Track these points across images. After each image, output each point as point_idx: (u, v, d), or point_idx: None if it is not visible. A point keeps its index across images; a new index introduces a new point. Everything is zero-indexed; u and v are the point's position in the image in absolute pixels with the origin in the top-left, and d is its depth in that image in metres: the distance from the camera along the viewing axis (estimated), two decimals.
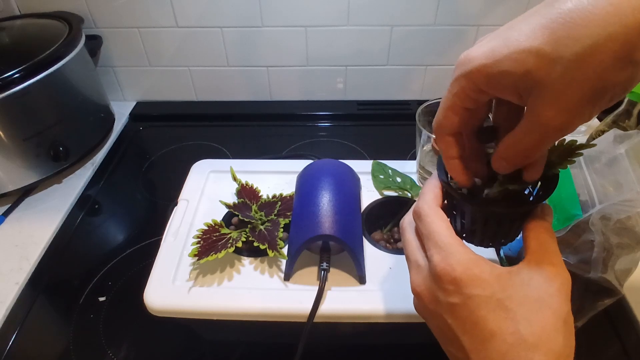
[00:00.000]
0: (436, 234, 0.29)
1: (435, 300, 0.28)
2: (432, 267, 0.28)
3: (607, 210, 0.37)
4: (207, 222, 0.47)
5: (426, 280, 0.29)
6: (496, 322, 0.26)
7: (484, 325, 0.26)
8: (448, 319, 0.27)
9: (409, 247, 0.32)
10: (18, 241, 0.60)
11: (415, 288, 0.30)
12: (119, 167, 0.75)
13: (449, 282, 0.27)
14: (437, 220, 0.29)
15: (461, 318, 0.27)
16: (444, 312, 0.28)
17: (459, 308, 0.27)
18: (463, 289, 0.26)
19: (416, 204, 0.31)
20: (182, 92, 0.87)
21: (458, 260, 0.27)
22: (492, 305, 0.26)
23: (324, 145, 0.78)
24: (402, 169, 0.57)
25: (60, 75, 0.65)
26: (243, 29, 0.77)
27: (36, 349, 0.50)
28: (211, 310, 0.43)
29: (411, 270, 0.31)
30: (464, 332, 0.27)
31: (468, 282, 0.26)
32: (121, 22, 0.77)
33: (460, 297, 0.27)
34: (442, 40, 0.78)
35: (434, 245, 0.28)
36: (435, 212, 0.30)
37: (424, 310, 0.30)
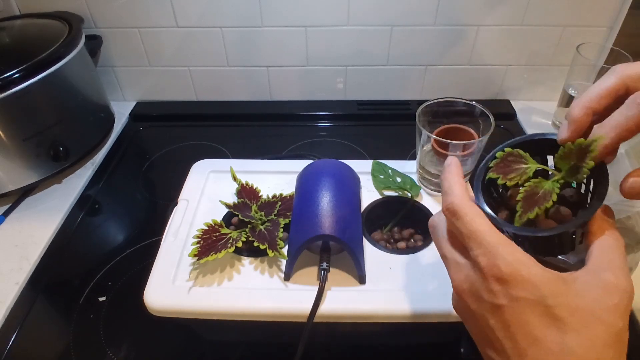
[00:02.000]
0: (479, 233, 0.27)
1: (478, 300, 0.27)
2: (478, 268, 0.27)
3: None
4: (207, 222, 0.47)
5: (469, 278, 0.28)
6: (541, 328, 0.25)
7: (529, 330, 0.25)
8: (490, 320, 0.26)
9: (445, 246, 0.30)
10: (18, 241, 0.60)
11: (458, 286, 0.29)
12: (119, 167, 0.75)
13: (495, 282, 0.26)
14: (477, 219, 0.28)
15: (505, 320, 0.26)
16: (487, 312, 0.27)
17: (504, 310, 0.26)
18: (510, 291, 0.25)
19: (447, 200, 0.30)
20: (182, 92, 0.87)
21: (505, 260, 0.26)
22: (539, 310, 0.25)
23: (324, 145, 0.78)
24: (402, 169, 0.57)
25: (60, 75, 0.65)
26: (243, 29, 0.77)
27: (36, 349, 0.50)
28: (211, 310, 0.43)
29: (450, 268, 0.30)
30: (506, 335, 0.26)
31: (517, 283, 0.25)
32: (121, 22, 0.77)
33: (506, 298, 0.25)
34: (442, 40, 0.78)
35: (477, 245, 0.27)
36: (471, 208, 0.29)
37: (465, 310, 0.29)
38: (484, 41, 0.78)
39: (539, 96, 0.85)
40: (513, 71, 0.82)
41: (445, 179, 0.31)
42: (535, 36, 0.77)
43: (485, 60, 0.80)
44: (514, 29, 0.76)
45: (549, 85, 0.83)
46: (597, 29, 0.76)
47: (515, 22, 0.75)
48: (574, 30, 0.76)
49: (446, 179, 0.31)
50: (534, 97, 0.85)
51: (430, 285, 0.44)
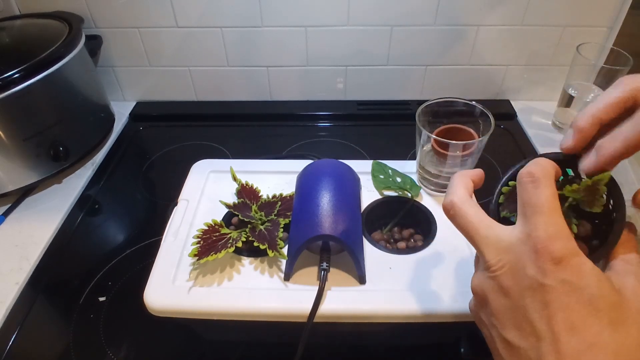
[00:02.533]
0: (550, 207, 0.26)
1: (520, 276, 0.26)
2: (534, 242, 0.26)
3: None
4: (207, 222, 0.47)
5: (513, 254, 0.27)
6: (582, 316, 0.24)
7: (568, 315, 0.24)
8: (527, 299, 0.25)
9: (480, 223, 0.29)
10: (18, 241, 0.60)
11: (496, 263, 0.27)
12: (119, 167, 0.75)
13: (549, 260, 0.25)
14: (554, 195, 0.27)
15: (545, 301, 0.25)
16: (527, 290, 0.26)
17: (548, 290, 0.25)
18: (560, 272, 0.25)
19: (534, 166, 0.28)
20: (182, 92, 0.87)
21: (565, 244, 0.25)
22: (583, 298, 0.24)
23: (324, 145, 0.78)
24: (402, 169, 0.57)
25: (60, 75, 0.65)
26: (243, 29, 0.77)
27: (36, 349, 0.50)
28: (211, 310, 0.43)
29: (487, 246, 0.28)
30: (542, 316, 0.25)
31: (568, 267, 0.25)
32: (121, 22, 0.77)
33: (554, 279, 0.25)
34: (442, 40, 0.78)
35: (543, 218, 0.26)
36: (554, 184, 0.27)
37: (494, 287, 0.27)
38: (484, 41, 0.78)
39: (539, 96, 0.85)
40: (513, 71, 0.82)
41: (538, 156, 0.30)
42: (535, 36, 0.77)
43: (485, 60, 0.80)
44: (514, 29, 0.76)
45: (549, 85, 0.83)
46: (597, 29, 0.76)
47: (515, 22, 0.75)
48: (574, 30, 0.76)
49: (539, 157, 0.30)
50: (534, 97, 0.85)
51: (431, 285, 0.44)
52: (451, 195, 0.31)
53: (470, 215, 0.30)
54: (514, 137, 0.79)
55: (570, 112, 0.75)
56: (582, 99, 0.73)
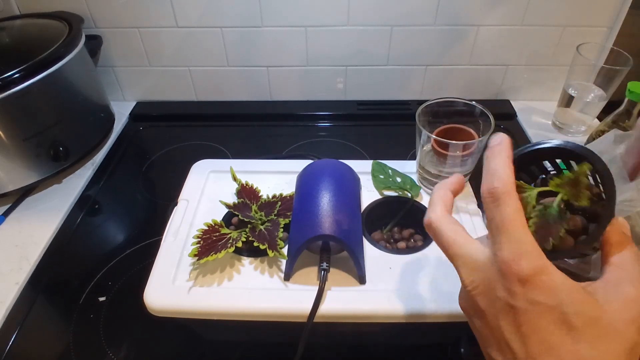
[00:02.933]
0: (512, 224, 0.25)
1: (492, 298, 0.26)
2: (499, 262, 0.25)
3: None
4: (207, 222, 0.47)
5: (484, 274, 0.26)
6: (556, 336, 0.24)
7: (543, 336, 0.24)
8: (501, 321, 0.25)
9: (454, 244, 0.28)
10: (18, 241, 0.60)
11: (470, 284, 0.27)
12: (119, 167, 0.75)
13: (515, 281, 0.24)
14: (517, 212, 0.26)
15: (517, 323, 0.25)
16: (500, 312, 0.25)
17: (519, 312, 0.24)
18: (528, 293, 0.24)
19: (493, 183, 0.27)
20: (182, 92, 0.87)
21: (530, 261, 0.24)
22: (555, 317, 0.24)
23: (324, 145, 0.78)
24: (402, 169, 0.57)
25: (60, 75, 0.65)
26: (243, 29, 0.77)
27: (36, 349, 0.50)
28: (211, 310, 0.43)
29: (462, 266, 0.28)
30: (517, 338, 0.25)
31: (536, 286, 0.24)
32: (121, 22, 0.77)
33: (523, 300, 0.24)
34: (442, 40, 0.78)
35: (507, 237, 0.25)
36: (515, 200, 0.26)
37: (473, 307, 0.27)
38: (484, 41, 0.78)
39: (539, 96, 0.85)
40: (513, 71, 0.82)
41: (494, 157, 0.27)
42: (535, 36, 0.77)
43: (485, 60, 0.80)
44: (514, 29, 0.76)
45: (549, 85, 0.83)
46: (597, 29, 0.76)
47: (515, 22, 0.75)
48: (574, 30, 0.76)
49: (495, 157, 0.27)
50: (534, 97, 0.85)
51: (430, 285, 0.44)
52: (429, 213, 0.31)
53: (446, 234, 0.29)
54: (514, 137, 0.79)
55: (570, 112, 0.75)
56: (582, 99, 0.73)
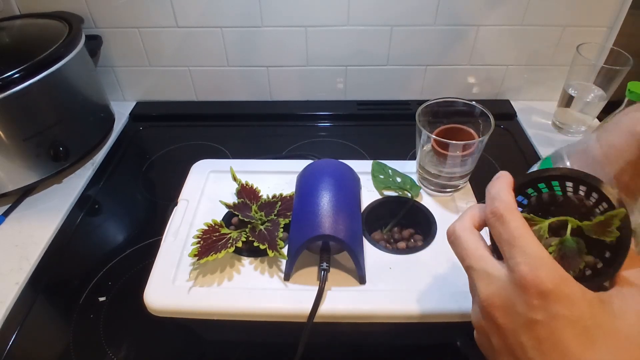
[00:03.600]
0: (524, 240, 0.26)
1: (511, 314, 0.25)
2: (518, 277, 0.25)
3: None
4: (207, 222, 0.47)
5: (503, 291, 0.26)
6: (579, 349, 0.24)
7: (565, 350, 0.24)
8: (522, 337, 0.25)
9: (472, 255, 0.28)
10: (18, 241, 0.60)
11: (487, 299, 0.27)
12: (119, 167, 0.75)
13: (535, 295, 0.24)
14: (523, 226, 0.26)
15: (539, 338, 0.24)
16: (520, 328, 0.25)
17: (540, 326, 0.24)
18: (550, 306, 0.24)
19: (494, 204, 0.28)
20: (182, 92, 0.87)
21: (549, 274, 0.24)
22: (578, 330, 0.24)
23: (324, 145, 0.78)
24: (402, 169, 0.57)
25: (60, 75, 0.65)
26: (243, 29, 0.77)
27: (36, 349, 0.50)
28: (211, 310, 0.43)
29: (479, 280, 0.28)
30: (539, 353, 0.24)
31: (557, 299, 0.24)
32: (121, 22, 0.77)
33: (545, 314, 0.24)
34: (442, 40, 0.78)
35: (520, 253, 0.25)
36: (519, 216, 0.27)
37: (490, 324, 0.27)
38: (484, 41, 0.78)
39: (539, 96, 0.85)
40: (513, 71, 0.82)
41: (493, 186, 0.29)
42: (535, 36, 0.77)
43: (485, 60, 0.80)
44: (514, 29, 0.76)
45: (549, 85, 0.83)
46: (597, 29, 0.76)
47: (515, 22, 0.75)
48: (574, 30, 0.76)
49: (494, 186, 0.29)
50: (534, 97, 0.85)
51: (431, 285, 0.44)
52: (455, 222, 0.31)
53: (466, 243, 0.29)
54: (514, 137, 0.79)
55: (570, 112, 0.75)
56: (582, 99, 0.73)
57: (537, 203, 0.30)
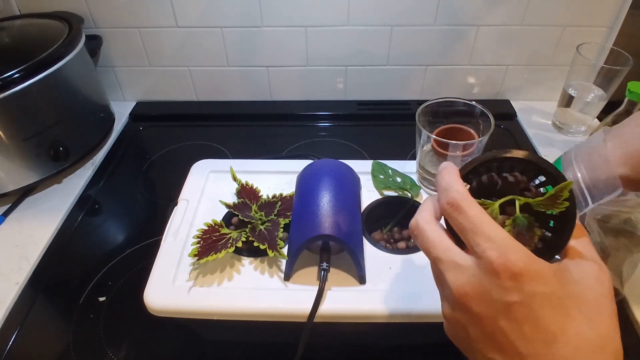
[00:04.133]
0: (486, 226, 0.26)
1: (486, 301, 0.25)
2: (487, 263, 0.25)
3: (603, 212, 0.37)
4: (207, 222, 0.47)
5: (474, 279, 0.26)
6: (558, 322, 0.24)
7: (546, 326, 0.24)
8: (502, 322, 0.25)
9: (439, 246, 0.28)
10: (18, 241, 0.60)
11: (459, 290, 0.26)
12: (119, 167, 0.75)
13: (508, 278, 0.24)
14: (482, 213, 0.26)
15: (519, 319, 0.24)
16: (498, 313, 0.25)
17: (518, 307, 0.24)
18: (524, 286, 0.24)
19: (448, 195, 0.28)
20: (182, 92, 0.87)
21: (517, 255, 0.24)
22: (554, 303, 0.24)
23: (324, 145, 0.78)
24: (402, 169, 0.57)
25: (60, 75, 0.65)
26: (243, 29, 0.77)
27: (36, 349, 0.50)
28: (211, 310, 0.43)
29: (447, 272, 0.27)
30: (520, 335, 0.24)
31: (530, 278, 0.24)
32: (121, 22, 0.77)
33: (520, 294, 0.24)
34: (442, 40, 0.78)
35: (485, 239, 0.25)
36: (475, 203, 0.27)
37: (465, 315, 0.27)
38: (484, 41, 0.78)
39: (539, 96, 0.85)
40: (513, 71, 0.82)
41: (443, 178, 0.29)
42: (535, 36, 0.77)
43: (485, 60, 0.80)
44: (514, 29, 0.76)
45: (549, 85, 0.83)
46: (597, 29, 0.76)
47: (515, 22, 0.75)
48: (574, 30, 0.76)
49: (443, 177, 0.29)
50: (534, 97, 0.85)
51: (430, 285, 0.44)
52: (416, 216, 0.31)
53: (431, 235, 0.29)
54: (514, 137, 0.79)
55: (570, 112, 0.75)
56: (582, 99, 0.73)
57: (479, 187, 0.31)
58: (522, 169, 0.30)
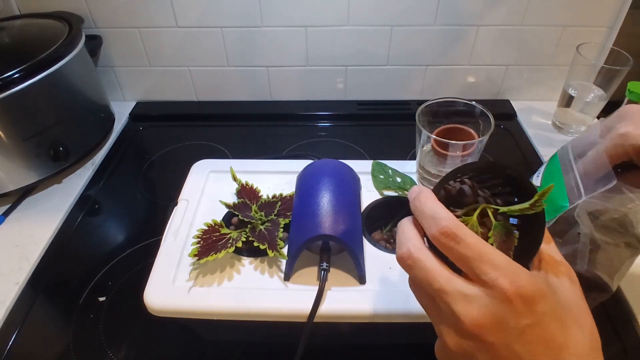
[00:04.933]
0: (489, 254, 0.25)
1: (502, 329, 0.25)
2: (500, 292, 0.24)
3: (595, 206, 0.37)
4: (207, 222, 0.47)
5: (488, 309, 0.25)
6: (562, 334, 0.25)
7: (554, 341, 0.24)
8: (517, 346, 0.24)
9: (441, 275, 0.27)
10: (18, 241, 0.60)
11: (472, 322, 0.25)
12: (119, 167, 0.75)
13: (520, 303, 0.24)
14: (480, 240, 0.26)
15: (532, 341, 0.24)
16: (513, 339, 0.24)
17: (531, 329, 0.24)
18: (535, 308, 0.24)
19: (440, 224, 0.27)
20: (182, 92, 0.87)
21: (526, 279, 0.25)
22: (557, 318, 0.25)
23: (324, 145, 0.78)
24: (402, 169, 0.57)
25: (60, 75, 0.65)
26: (243, 29, 0.77)
27: (36, 349, 0.50)
28: (211, 310, 0.43)
29: (455, 304, 0.26)
30: (532, 355, 0.24)
31: (538, 299, 0.24)
32: (121, 22, 0.77)
33: (534, 316, 0.24)
34: (442, 40, 0.78)
35: (492, 267, 0.25)
36: (470, 230, 0.26)
37: (479, 345, 0.25)
38: (484, 41, 0.78)
39: (539, 96, 0.85)
40: (513, 71, 0.82)
41: (424, 205, 0.28)
42: (535, 36, 0.77)
43: (485, 60, 0.80)
44: (514, 29, 0.76)
45: (549, 85, 0.83)
46: (597, 29, 0.76)
47: (515, 22, 0.75)
48: (574, 30, 0.76)
49: (425, 204, 0.28)
50: (534, 97, 0.85)
51: None
52: (406, 243, 0.28)
53: (431, 267, 0.27)
54: (514, 137, 0.79)
55: (570, 112, 0.75)
56: (582, 99, 0.73)
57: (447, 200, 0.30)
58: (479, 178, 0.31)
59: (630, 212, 0.37)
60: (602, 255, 0.40)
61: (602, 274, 0.40)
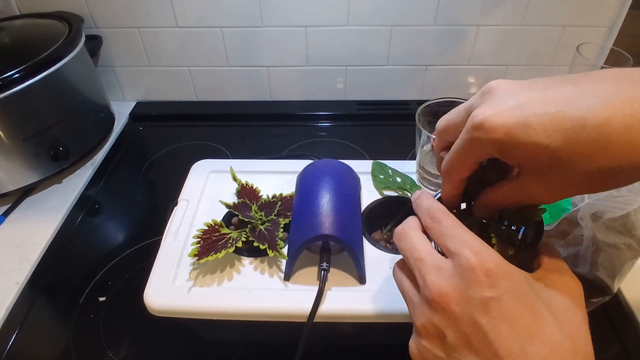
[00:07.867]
0: (462, 233, 0.27)
1: (465, 299, 0.25)
2: (464, 262, 0.26)
3: (597, 207, 0.37)
4: (207, 222, 0.47)
5: (452, 278, 0.26)
6: (533, 321, 0.24)
7: (522, 325, 0.24)
8: (481, 319, 0.25)
9: (422, 249, 0.29)
10: (18, 241, 0.60)
11: (439, 290, 0.26)
12: (119, 167, 0.75)
13: (482, 274, 0.25)
14: (458, 222, 0.28)
15: (495, 316, 0.24)
16: (476, 311, 0.25)
17: (494, 303, 0.25)
18: (497, 282, 0.25)
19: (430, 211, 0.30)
20: (182, 92, 0.87)
21: (490, 256, 0.26)
22: (526, 303, 0.25)
23: (324, 145, 0.78)
24: (402, 169, 0.57)
25: (60, 75, 0.65)
26: (243, 29, 0.77)
27: (36, 349, 0.50)
28: (211, 310, 0.43)
29: (429, 273, 0.27)
30: (498, 334, 0.24)
31: (502, 276, 0.25)
32: (121, 22, 0.77)
33: (495, 290, 0.25)
34: (442, 40, 0.78)
35: (461, 242, 0.27)
36: (453, 216, 0.29)
37: (446, 318, 0.26)
38: (484, 41, 0.78)
39: None
40: (513, 71, 0.82)
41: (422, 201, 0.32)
42: (535, 36, 0.77)
43: (485, 60, 0.80)
44: (514, 29, 0.76)
45: None
46: (597, 29, 0.76)
47: (515, 22, 0.75)
48: (574, 30, 0.76)
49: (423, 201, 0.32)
50: None
51: None
52: (402, 224, 0.32)
53: (416, 241, 0.30)
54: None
55: None
56: None
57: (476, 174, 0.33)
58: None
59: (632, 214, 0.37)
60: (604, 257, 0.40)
61: (603, 275, 0.40)
